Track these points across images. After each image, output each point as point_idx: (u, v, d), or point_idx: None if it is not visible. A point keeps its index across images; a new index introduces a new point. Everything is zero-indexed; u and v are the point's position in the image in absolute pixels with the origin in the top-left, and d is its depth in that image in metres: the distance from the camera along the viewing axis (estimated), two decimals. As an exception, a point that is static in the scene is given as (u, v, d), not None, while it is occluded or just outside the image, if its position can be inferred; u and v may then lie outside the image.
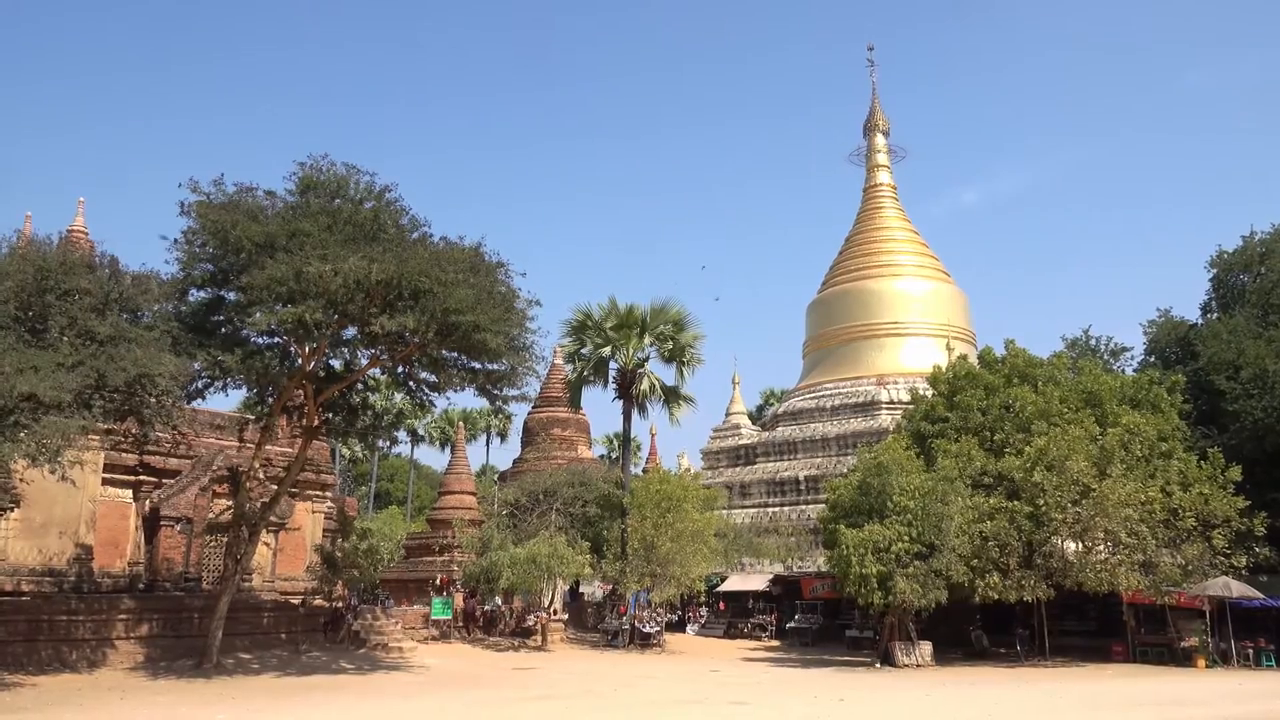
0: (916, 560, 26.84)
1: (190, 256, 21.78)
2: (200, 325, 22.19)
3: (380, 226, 22.14)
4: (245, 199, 21.70)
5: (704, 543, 33.49)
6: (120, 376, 18.62)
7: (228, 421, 31.91)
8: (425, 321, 20.98)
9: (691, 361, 35.71)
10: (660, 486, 33.71)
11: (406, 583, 38.43)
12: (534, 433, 49.99)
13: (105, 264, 20.83)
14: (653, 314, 35.18)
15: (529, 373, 25.07)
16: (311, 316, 20.00)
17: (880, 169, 53.59)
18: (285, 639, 26.50)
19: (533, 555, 31.57)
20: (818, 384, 49.75)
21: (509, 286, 23.60)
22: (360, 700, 19.06)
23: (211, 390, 23.50)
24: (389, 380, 28.77)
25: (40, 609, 22.22)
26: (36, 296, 18.96)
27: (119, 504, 29.28)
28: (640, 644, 33.14)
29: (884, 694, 21.35)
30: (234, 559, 24.27)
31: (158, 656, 22.97)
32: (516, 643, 32.80)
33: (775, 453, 47.81)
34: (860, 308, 49.73)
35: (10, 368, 16.65)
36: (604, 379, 35.72)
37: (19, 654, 20.85)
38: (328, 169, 22.42)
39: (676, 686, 22.33)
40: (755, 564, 41.66)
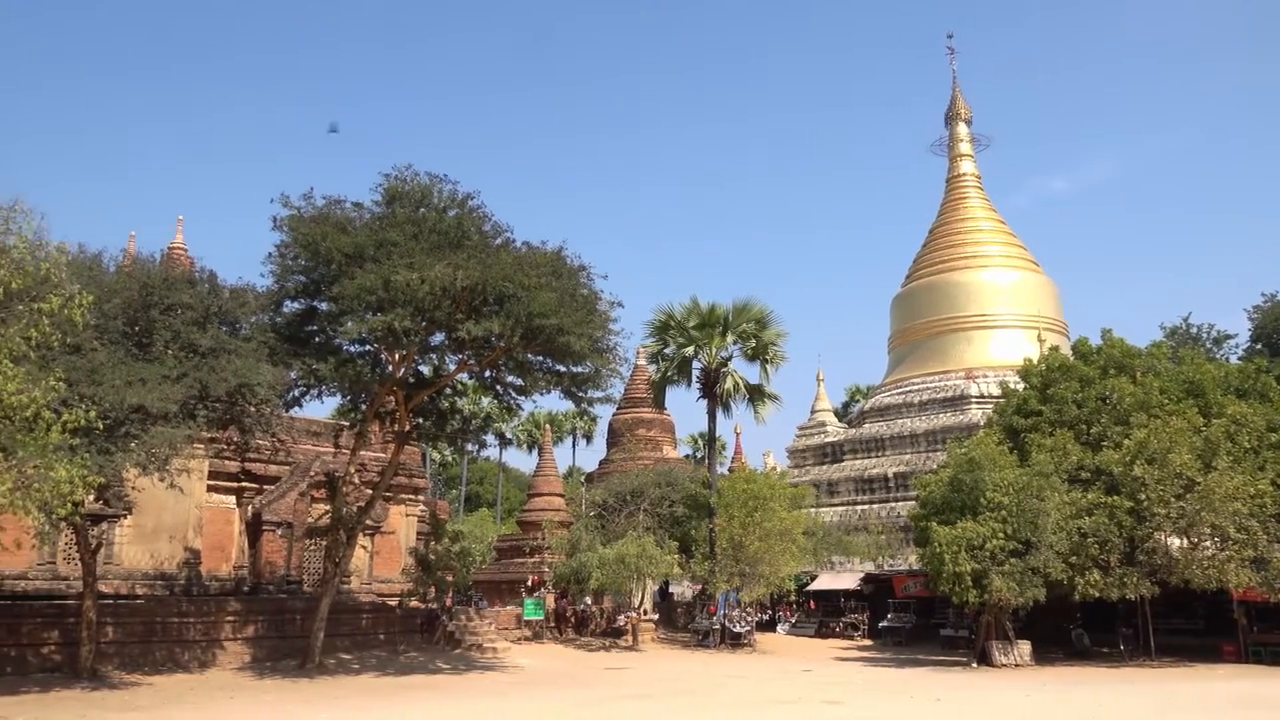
0: (1012, 558, 26.17)
1: (284, 269, 22.54)
2: (295, 335, 22.92)
3: (464, 233, 22.56)
4: (334, 211, 22.36)
5: (792, 541, 33.21)
6: (222, 387, 19.37)
7: (324, 428, 32.83)
8: (510, 326, 21.32)
9: (775, 359, 35.44)
10: (747, 485, 33.56)
11: (499, 584, 39.01)
12: (619, 434, 50.20)
13: (205, 279, 21.68)
14: (735, 312, 35.02)
15: (613, 374, 25.28)
16: (400, 324, 20.51)
17: (963, 158, 52.42)
18: (383, 640, 27.17)
19: (621, 556, 31.73)
20: (904, 379, 48.92)
21: (591, 289, 23.85)
22: (457, 699, 19.42)
23: (307, 398, 24.31)
24: (476, 385, 29.34)
25: (154, 611, 23.20)
26: (142, 312, 19.84)
27: (223, 509, 30.38)
28: (731, 644, 33.04)
29: (982, 694, 20.86)
30: (333, 562, 24.97)
31: (263, 657, 23.77)
32: (608, 643, 33.01)
33: (863, 450, 47.17)
34: (946, 300, 48.73)
35: (120, 381, 17.43)
36: (687, 379, 35.70)
37: (135, 654, 21.81)
38: (412, 179, 22.95)
39: (769, 686, 22.19)
40: (845, 562, 41.14)
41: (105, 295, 18.63)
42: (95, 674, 19.95)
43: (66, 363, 16.17)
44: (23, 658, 20.29)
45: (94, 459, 15.85)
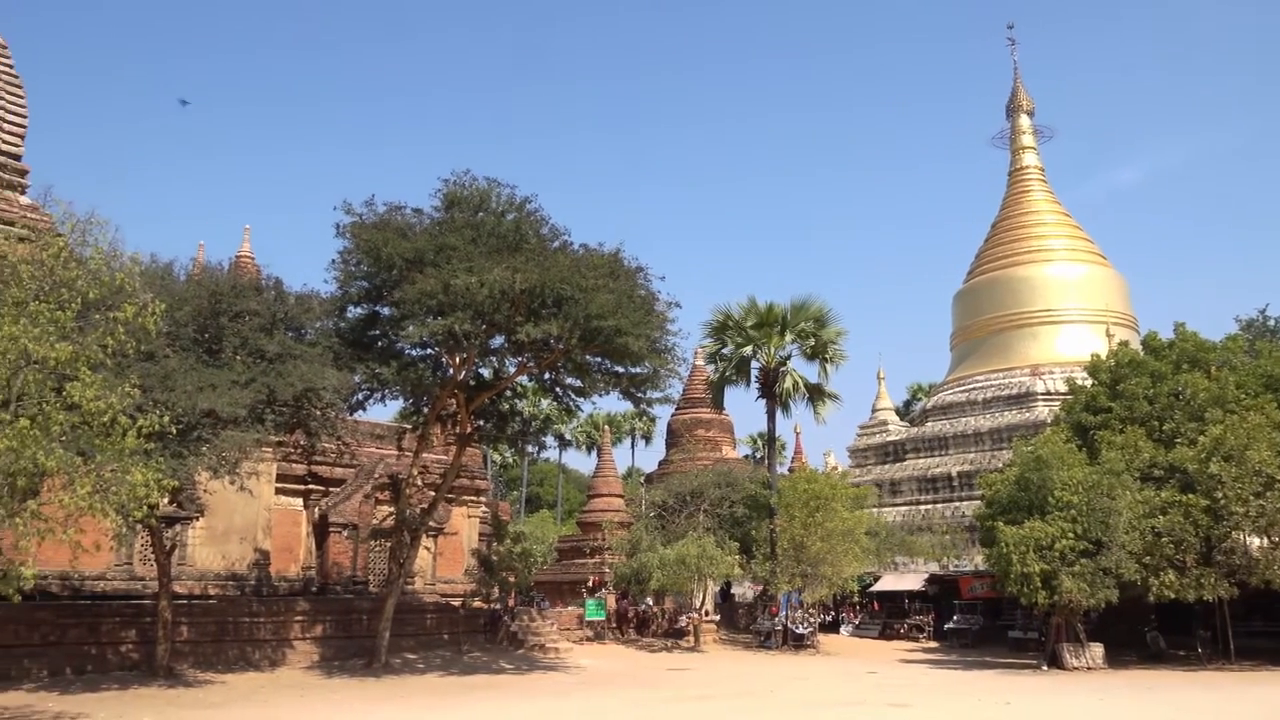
0: (1083, 558, 25.56)
1: (347, 275, 22.97)
2: (358, 340, 23.33)
3: (522, 237, 22.75)
4: (395, 218, 22.70)
5: (855, 542, 32.86)
6: (289, 391, 19.79)
7: (387, 431, 33.34)
8: (568, 327, 21.45)
9: (834, 358, 35.13)
10: (808, 485, 33.29)
11: (560, 584, 39.23)
12: (678, 434, 50.18)
13: (271, 286, 22.19)
14: (793, 311, 34.77)
15: (671, 374, 25.32)
16: (461, 327, 20.76)
17: (1026, 151, 51.41)
18: (447, 640, 27.49)
19: (682, 556, 31.70)
20: (967, 376, 48.12)
21: (648, 289, 23.89)
22: (521, 699, 19.57)
23: (371, 401, 24.76)
24: (536, 386, 29.52)
25: (226, 611, 23.77)
26: (212, 319, 20.36)
27: (291, 511, 31.01)
28: (793, 645, 32.80)
29: (1053, 697, 20.41)
30: (398, 563, 25.33)
31: (331, 656, 24.21)
32: (670, 643, 33.00)
33: (925, 449, 46.51)
34: (1010, 296, 47.84)
35: (192, 386, 17.90)
36: (746, 379, 35.54)
37: (209, 653, 22.36)
38: (470, 184, 23.21)
39: (833, 688, 21.97)
40: (909, 563, 40.59)
41: (177, 304, 19.13)
42: (171, 672, 20.49)
43: (141, 369, 16.63)
44: (103, 656, 20.92)
45: (168, 463, 16.26)
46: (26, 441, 13.40)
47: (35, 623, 20.06)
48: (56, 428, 13.81)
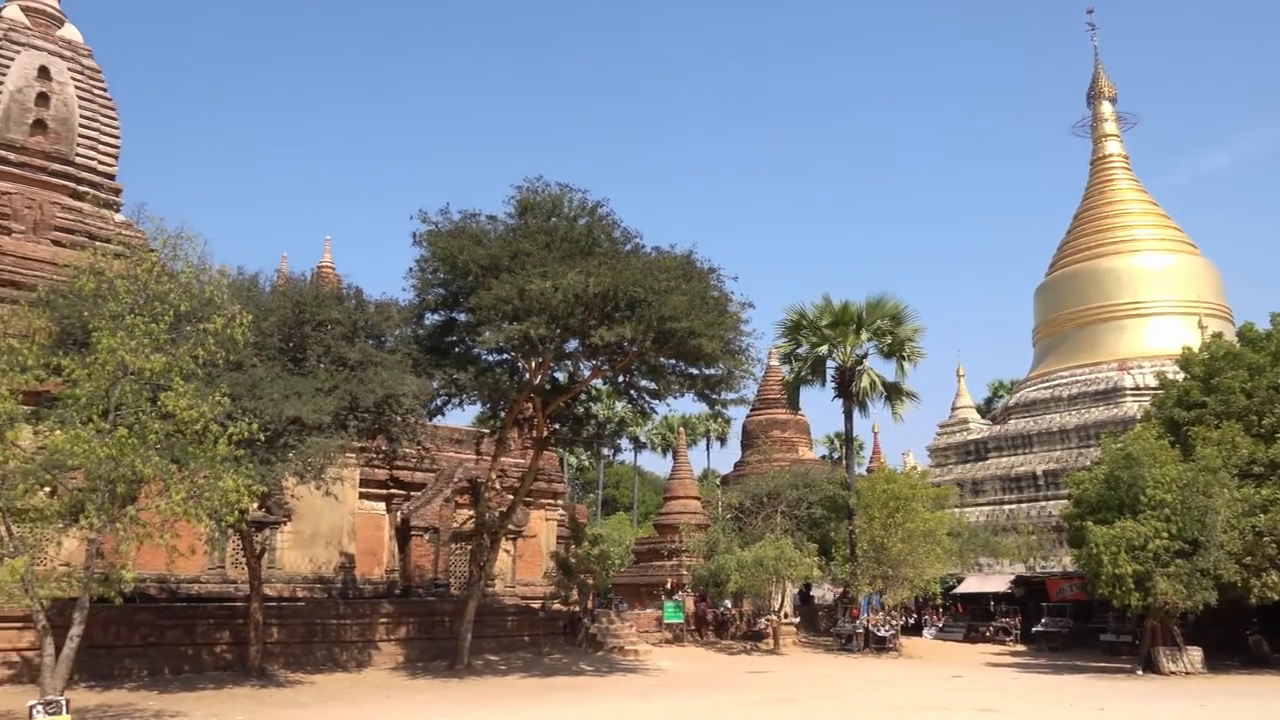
0: (1178, 559, 24.66)
1: (424, 283, 23.41)
2: (436, 346, 23.73)
3: (594, 241, 22.90)
4: (469, 225, 23.06)
5: (936, 543, 32.25)
6: (370, 398, 20.24)
7: (465, 436, 33.82)
8: (642, 330, 21.52)
9: (912, 356, 34.53)
10: (887, 486, 32.80)
11: (638, 587, 39.32)
12: (753, 435, 49.91)
13: (351, 295, 22.71)
14: (869, 309, 34.30)
15: (745, 375, 25.21)
16: (536, 332, 20.97)
17: (1108, 139, 49.84)
18: (528, 641, 27.77)
19: (759, 558, 31.50)
20: (1051, 372, 46.86)
21: (721, 291, 23.87)
22: (602, 700, 19.67)
23: (449, 407, 25.18)
24: (610, 390, 29.64)
25: (314, 613, 24.37)
26: (296, 329, 20.92)
27: (374, 515, 31.67)
28: (875, 648, 32.33)
29: (1150, 703, 19.73)
30: (478, 565, 25.68)
31: (415, 657, 24.64)
32: (749, 646, 32.82)
33: (1008, 447, 45.41)
34: (1095, 288, 46.42)
35: (278, 394, 18.41)
36: (822, 378, 35.17)
37: (298, 654, 22.95)
38: (543, 190, 23.45)
39: (917, 692, 21.59)
40: (994, 564, 39.67)
41: (262, 314, 19.70)
42: (263, 672, 21.08)
43: (230, 379, 17.15)
44: (199, 656, 21.63)
45: (256, 469, 16.76)
46: (125, 450, 13.95)
47: (135, 624, 20.82)
48: (152, 436, 14.35)
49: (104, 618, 18.77)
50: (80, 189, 27.53)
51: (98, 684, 18.90)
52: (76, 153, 27.89)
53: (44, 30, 28.63)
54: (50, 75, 27.83)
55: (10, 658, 18.88)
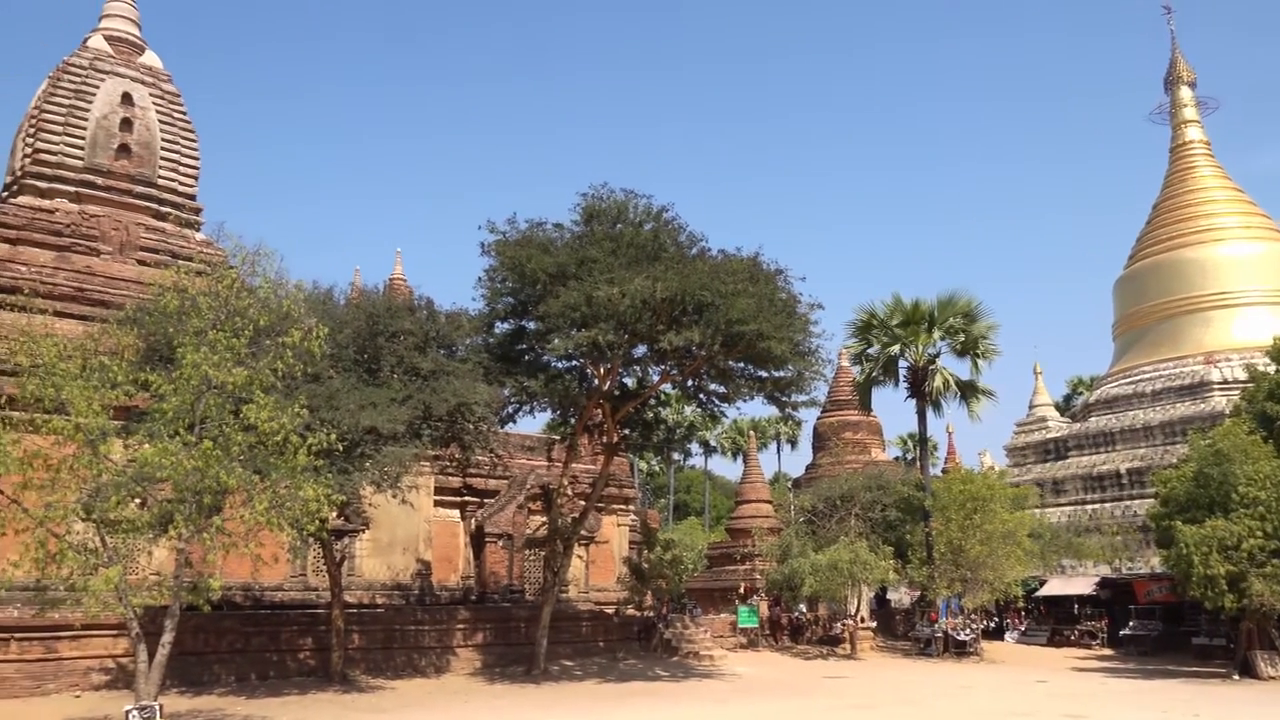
0: (1275, 559, 23.72)
1: (493, 292, 23.69)
2: (506, 355, 24.00)
3: (660, 246, 22.94)
4: (536, 234, 23.26)
5: (1016, 544, 31.52)
6: (443, 407, 20.56)
7: (537, 442, 34.08)
8: (710, 334, 21.48)
9: (987, 354, 33.83)
10: (964, 486, 32.17)
11: (711, 591, 39.18)
12: (825, 437, 49.39)
13: (423, 306, 23.12)
14: (940, 307, 33.70)
15: (816, 377, 25.00)
16: (604, 338, 21.07)
17: (1188, 125, 48.22)
18: (603, 647, 27.86)
19: (834, 561, 31.13)
20: (1133, 367, 45.47)
21: (790, 292, 23.71)
22: (678, 706, 19.64)
23: (520, 414, 25.41)
24: (680, 394, 29.64)
25: (393, 619, 24.80)
26: (370, 340, 21.35)
27: (449, 523, 32.08)
28: (955, 652, 31.72)
29: (1246, 709, 19.01)
30: (552, 571, 25.85)
31: (492, 662, 24.90)
32: (825, 651, 32.46)
33: (1089, 445, 44.18)
34: (1177, 280, 44.91)
35: (354, 405, 18.81)
36: (894, 378, 34.64)
37: (379, 660, 23.37)
38: (608, 197, 23.56)
39: (1000, 697, 21.12)
40: (1077, 566, 38.62)
41: (337, 327, 20.14)
42: (345, 678, 21.51)
43: (308, 390, 17.56)
44: (283, 662, 22.16)
45: (335, 478, 17.12)
46: (210, 461, 14.38)
47: (222, 631, 21.42)
48: (236, 448, 14.77)
49: (193, 625, 19.34)
50: (163, 210, 28.51)
51: (188, 689, 19.49)
52: (159, 175, 28.90)
53: (126, 58, 29.72)
54: (133, 101, 28.88)
55: (106, 664, 19.58)
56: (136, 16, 31.10)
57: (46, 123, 27.73)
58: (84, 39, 29.85)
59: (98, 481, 15.06)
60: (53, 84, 28.41)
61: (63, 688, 18.90)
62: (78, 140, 27.80)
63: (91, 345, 16.18)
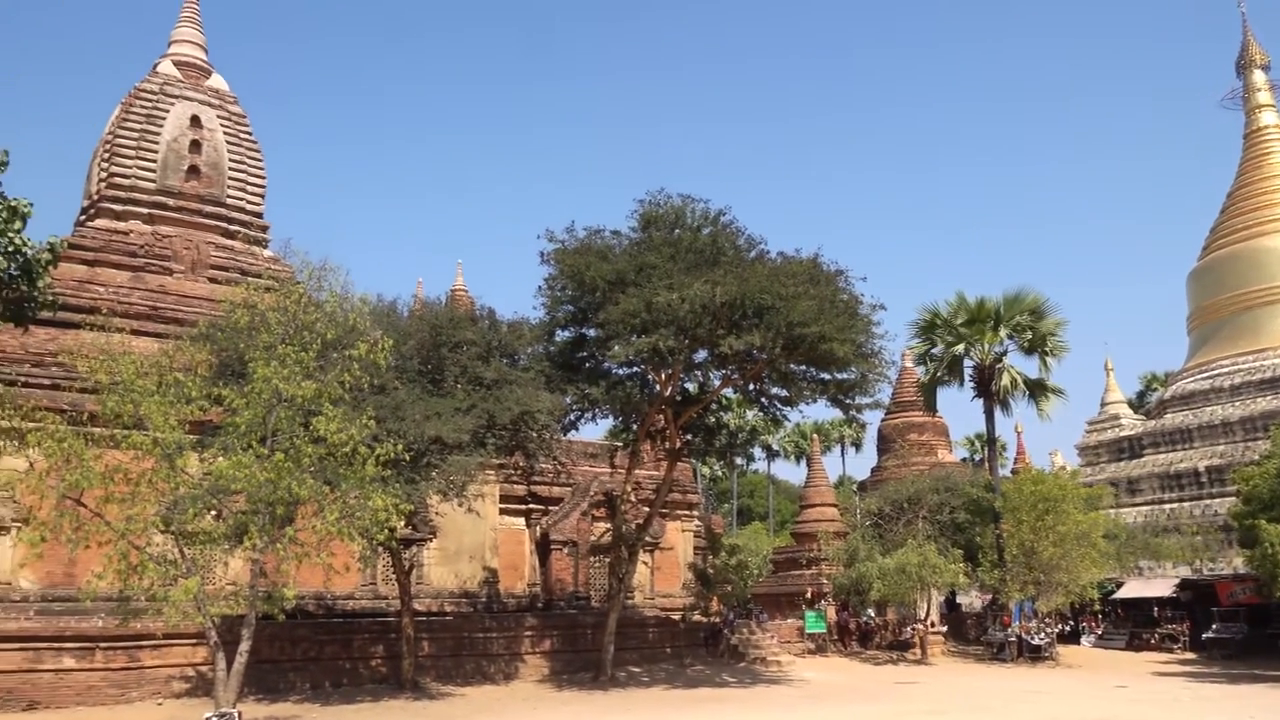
0: (1366, 557, 22.81)
1: (553, 300, 23.84)
2: (567, 363, 24.12)
3: (719, 250, 22.87)
4: (595, 241, 23.36)
5: (1091, 546, 30.73)
6: (506, 415, 20.73)
7: (599, 449, 34.22)
8: (771, 337, 21.35)
9: (1055, 351, 33.08)
10: (1035, 487, 31.47)
11: (777, 596, 38.90)
12: (890, 439, 48.78)
13: (485, 316, 23.37)
14: (1006, 305, 33.06)
15: (879, 378, 24.70)
16: (664, 344, 21.05)
17: (1263, 109, 46.64)
18: (669, 653, 27.81)
19: (902, 565, 30.70)
20: (1210, 362, 44.07)
21: (851, 293, 23.47)
22: (745, 711, 19.51)
23: (582, 421, 25.51)
24: (741, 399, 29.50)
25: (461, 627, 25.04)
26: (433, 351, 21.64)
27: (514, 531, 32.35)
28: (1029, 657, 31.02)
29: (1341, 714, 18.25)
30: (617, 578, 25.89)
31: (559, 669, 25.01)
32: (895, 656, 32.00)
33: (1165, 442, 42.94)
34: (1255, 269, 43.44)
35: (419, 415, 19.06)
36: (959, 378, 34.06)
37: (448, 667, 23.63)
38: (665, 202, 23.58)
39: (1078, 703, 20.57)
40: (1155, 567, 37.52)
41: (402, 338, 20.46)
42: (416, 685, 21.78)
43: (374, 402, 17.86)
44: (355, 670, 22.53)
45: (402, 488, 17.39)
46: (282, 473, 14.70)
47: (296, 640, 21.84)
48: (306, 459, 15.07)
49: (268, 634, 19.77)
50: (232, 228, 29.28)
51: (265, 697, 19.90)
52: (227, 194, 29.68)
53: (194, 81, 30.60)
54: (201, 123, 29.72)
55: (186, 672, 20.09)
56: (203, 41, 32.02)
57: (120, 147, 28.66)
58: (154, 65, 30.80)
59: (175, 494, 15.50)
60: (125, 110, 29.36)
61: (145, 695, 19.44)
62: (150, 163, 28.68)
63: (167, 362, 16.66)
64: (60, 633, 19.23)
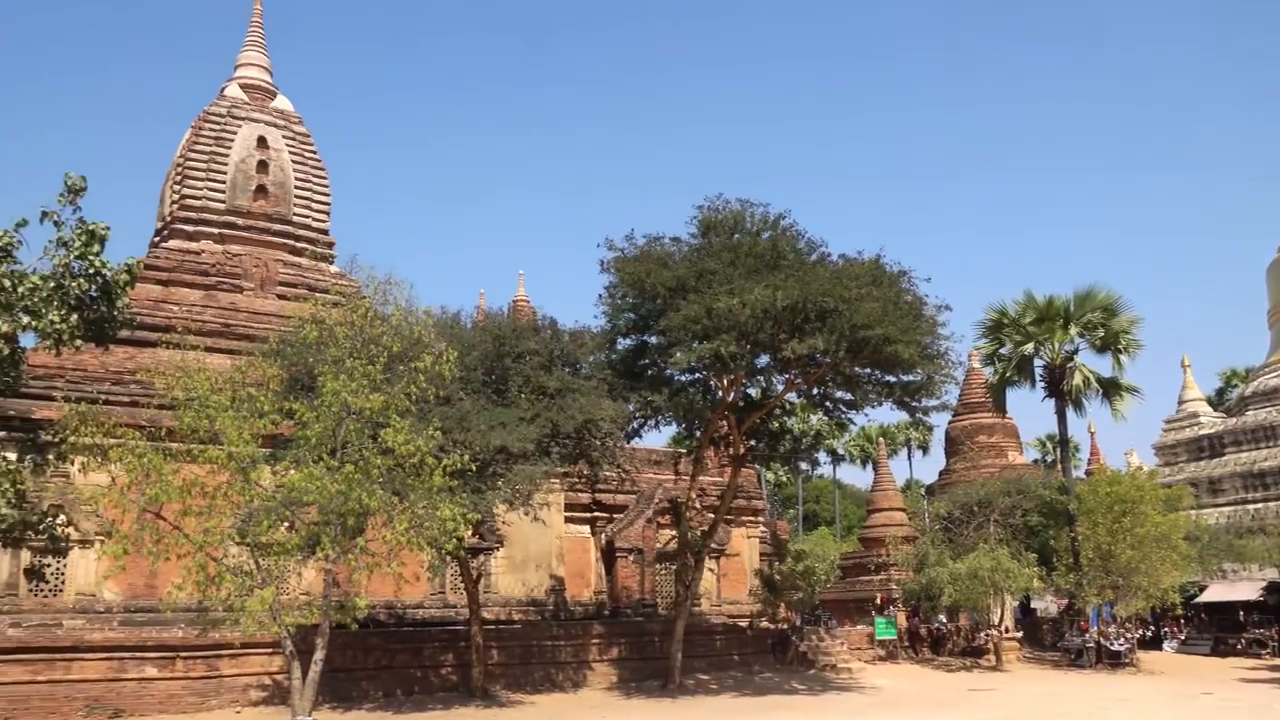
0: None
1: (614, 308, 23.90)
2: (629, 370, 24.16)
3: (779, 254, 22.73)
4: (654, 248, 23.37)
5: (1171, 548, 29.81)
6: (570, 424, 20.84)
7: (663, 456, 34.17)
8: (834, 340, 21.15)
9: (1129, 348, 32.19)
10: (1110, 488, 30.64)
11: (845, 603, 38.43)
12: (958, 442, 47.92)
13: (547, 326, 23.54)
14: (1076, 302, 32.29)
15: (946, 380, 24.33)
16: (726, 349, 20.97)
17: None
18: (737, 660, 27.62)
19: (974, 570, 30.07)
20: (1294, 356, 42.57)
21: (915, 294, 23.15)
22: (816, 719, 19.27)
23: (645, 428, 25.53)
24: (805, 403, 29.19)
25: (529, 635, 25.19)
26: (497, 361, 21.86)
27: (580, 539, 32.43)
28: (1108, 663, 30.16)
29: None
30: (683, 585, 25.82)
31: (627, 677, 25.00)
32: (968, 662, 31.37)
33: (1248, 440, 41.53)
34: (1339, 260, 41.91)
35: (484, 425, 19.25)
36: (1029, 379, 33.33)
37: (517, 675, 23.76)
38: (724, 208, 23.53)
39: (1161, 711, 19.98)
40: (1240, 570, 36.28)
41: (466, 350, 20.67)
42: (486, 693, 21.94)
43: (440, 413, 18.08)
44: (426, 678, 22.78)
45: (469, 497, 17.56)
46: (353, 484, 14.95)
47: (369, 648, 22.17)
48: (375, 471, 15.31)
49: (341, 642, 20.05)
50: (298, 245, 29.95)
51: (339, 705, 20.23)
52: (294, 212, 30.38)
53: (260, 103, 31.40)
54: (268, 144, 30.48)
55: (263, 680, 20.52)
56: (268, 64, 32.86)
57: (191, 170, 29.52)
58: (221, 88, 31.68)
59: (249, 507, 15.85)
60: (195, 133, 30.24)
61: (224, 703, 19.89)
62: (219, 184, 29.49)
63: (239, 377, 17.05)
64: (143, 642, 19.80)
